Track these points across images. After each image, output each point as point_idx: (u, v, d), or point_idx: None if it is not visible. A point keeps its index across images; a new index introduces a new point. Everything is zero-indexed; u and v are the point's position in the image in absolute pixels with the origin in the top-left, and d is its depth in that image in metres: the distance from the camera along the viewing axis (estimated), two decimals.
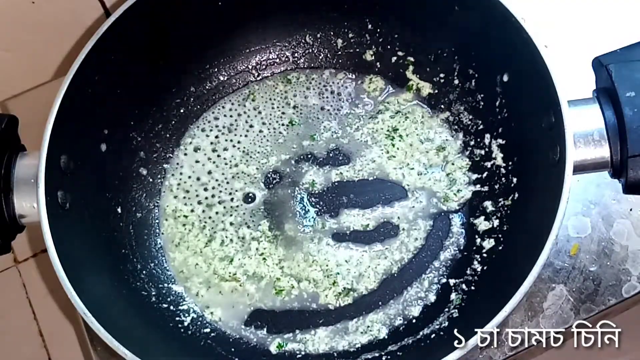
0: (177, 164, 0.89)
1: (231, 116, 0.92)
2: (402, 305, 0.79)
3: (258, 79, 0.94)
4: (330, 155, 0.89)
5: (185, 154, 0.90)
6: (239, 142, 0.90)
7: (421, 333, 0.76)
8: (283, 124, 0.91)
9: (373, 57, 0.92)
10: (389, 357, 0.75)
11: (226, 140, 0.90)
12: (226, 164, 0.89)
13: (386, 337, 0.78)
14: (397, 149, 0.87)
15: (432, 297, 0.79)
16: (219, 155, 0.90)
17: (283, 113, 0.91)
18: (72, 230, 0.72)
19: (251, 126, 0.91)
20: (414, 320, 0.78)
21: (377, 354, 0.76)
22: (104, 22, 0.77)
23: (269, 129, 0.91)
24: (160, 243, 0.85)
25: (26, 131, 0.76)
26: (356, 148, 0.88)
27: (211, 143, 0.90)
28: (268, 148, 0.90)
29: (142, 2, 0.78)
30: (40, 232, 0.68)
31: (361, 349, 0.77)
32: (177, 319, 0.80)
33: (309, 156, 0.89)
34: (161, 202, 0.87)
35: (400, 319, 0.79)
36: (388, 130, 0.88)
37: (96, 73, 0.77)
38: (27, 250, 0.96)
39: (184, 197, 0.87)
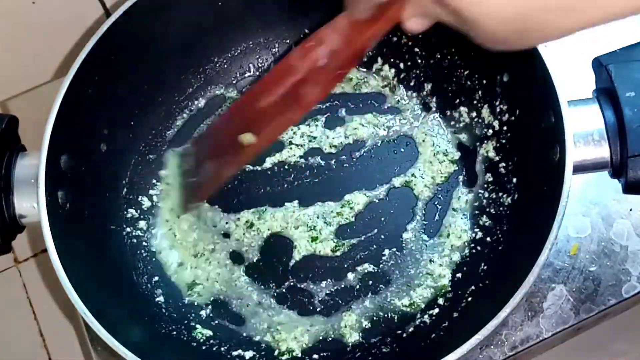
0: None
1: None
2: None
3: (259, 78, 0.94)
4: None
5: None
6: None
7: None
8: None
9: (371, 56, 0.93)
10: (389, 356, 0.75)
11: None
12: None
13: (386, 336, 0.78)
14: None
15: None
16: None
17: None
18: (72, 230, 0.72)
19: None
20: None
21: (378, 353, 0.76)
22: (104, 22, 0.77)
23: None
24: (160, 243, 0.85)
25: (26, 131, 0.76)
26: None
27: None
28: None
29: (142, 2, 0.78)
30: (41, 232, 0.68)
31: (361, 348, 0.78)
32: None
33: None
34: (161, 202, 0.87)
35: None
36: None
37: (96, 73, 0.77)
38: (27, 250, 0.96)
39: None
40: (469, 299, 0.76)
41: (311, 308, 0.80)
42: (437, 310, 0.78)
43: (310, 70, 0.63)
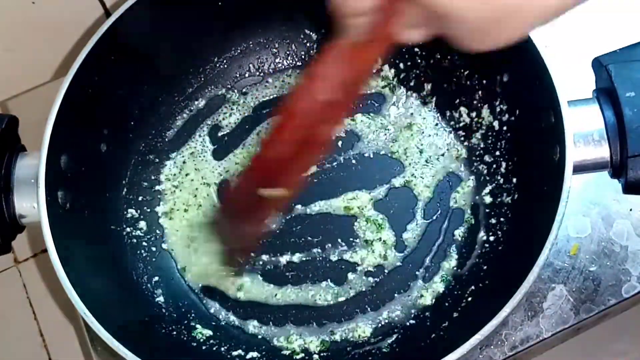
0: (179, 163, 0.90)
1: (233, 114, 0.92)
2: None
3: (259, 78, 0.94)
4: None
5: (188, 153, 0.90)
6: (241, 140, 0.90)
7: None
8: None
9: None
10: (389, 356, 0.75)
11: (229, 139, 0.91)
12: (229, 162, 0.89)
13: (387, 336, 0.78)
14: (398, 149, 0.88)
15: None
16: (221, 154, 0.90)
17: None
18: (72, 230, 0.72)
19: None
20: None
21: (378, 353, 0.76)
22: (104, 22, 0.77)
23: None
24: (160, 243, 0.85)
25: (26, 131, 0.76)
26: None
27: (212, 142, 0.90)
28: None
29: (142, 2, 0.78)
30: (41, 232, 0.68)
31: (361, 348, 0.78)
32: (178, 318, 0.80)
33: None
34: (162, 202, 0.87)
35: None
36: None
37: (96, 73, 0.77)
38: (27, 250, 0.96)
39: (185, 197, 0.87)
40: (469, 299, 0.76)
41: None
42: (437, 310, 0.78)
43: (321, 109, 0.58)
